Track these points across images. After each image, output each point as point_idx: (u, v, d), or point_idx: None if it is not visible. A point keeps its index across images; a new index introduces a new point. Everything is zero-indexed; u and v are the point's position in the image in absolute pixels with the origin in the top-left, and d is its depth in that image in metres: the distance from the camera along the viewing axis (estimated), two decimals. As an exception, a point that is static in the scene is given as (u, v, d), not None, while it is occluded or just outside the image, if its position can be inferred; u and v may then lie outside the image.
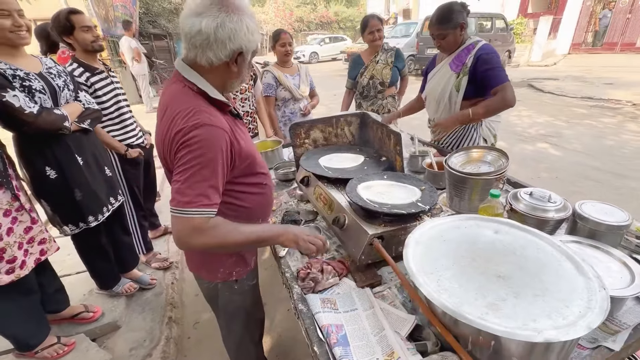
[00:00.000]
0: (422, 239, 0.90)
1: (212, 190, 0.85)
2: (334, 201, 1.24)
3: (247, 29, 0.85)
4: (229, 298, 1.21)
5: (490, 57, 1.69)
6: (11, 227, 1.38)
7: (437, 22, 1.75)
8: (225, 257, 1.12)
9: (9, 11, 1.33)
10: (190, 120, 0.83)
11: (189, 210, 0.82)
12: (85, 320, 1.86)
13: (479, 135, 1.93)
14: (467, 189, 1.24)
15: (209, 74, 0.91)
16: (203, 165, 0.83)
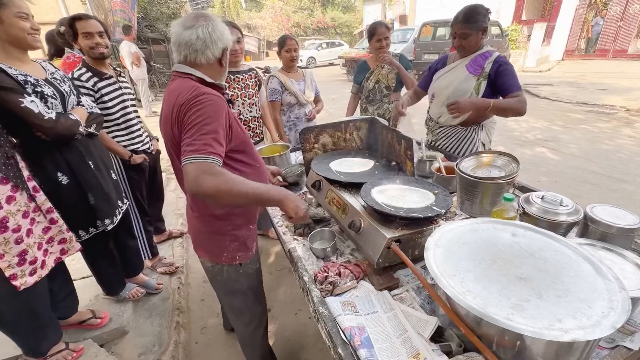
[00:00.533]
0: (442, 242, 0.91)
1: (216, 143, 0.96)
2: (348, 205, 1.26)
3: (225, 28, 1.10)
4: (235, 279, 1.32)
5: (510, 67, 1.77)
6: (30, 229, 1.38)
7: (464, 20, 1.75)
8: (228, 242, 1.23)
9: (28, 15, 1.35)
10: (194, 91, 1.00)
11: (197, 157, 0.92)
12: (94, 327, 1.85)
13: (479, 139, 1.97)
14: (479, 193, 1.26)
15: (204, 70, 1.10)
16: (208, 121, 0.96)
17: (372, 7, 22.05)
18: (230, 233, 1.23)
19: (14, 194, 1.31)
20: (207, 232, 1.24)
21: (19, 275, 1.33)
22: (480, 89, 1.81)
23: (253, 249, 1.32)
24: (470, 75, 1.83)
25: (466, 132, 1.97)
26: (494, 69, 1.76)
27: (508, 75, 1.75)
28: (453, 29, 1.82)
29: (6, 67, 1.33)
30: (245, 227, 1.27)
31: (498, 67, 1.75)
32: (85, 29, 1.79)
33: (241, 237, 1.26)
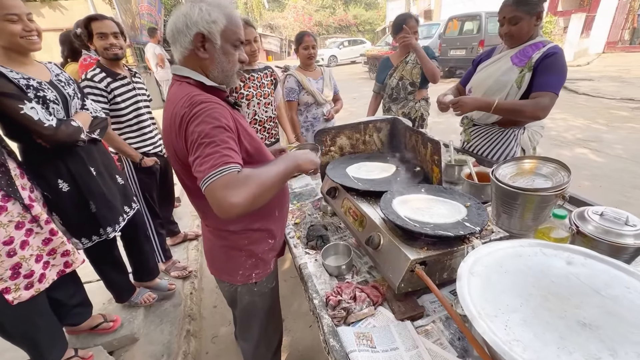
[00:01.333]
0: (477, 268, 0.76)
1: (231, 151, 0.84)
2: (366, 217, 1.12)
3: (201, 10, 0.88)
4: (248, 300, 1.21)
5: (555, 60, 1.49)
6: (26, 240, 1.32)
7: (515, 3, 1.51)
8: (244, 259, 1.13)
9: (19, 15, 1.28)
10: (190, 100, 0.87)
11: (217, 172, 0.78)
12: (105, 331, 1.82)
13: (517, 144, 1.74)
14: (519, 206, 1.08)
15: (191, 66, 0.95)
16: (213, 134, 0.83)
17: (396, 3, 21.56)
18: (247, 248, 1.13)
19: (5, 204, 1.25)
20: (222, 247, 1.14)
21: (12, 289, 1.27)
22: (524, 82, 1.57)
23: (271, 266, 1.21)
24: (514, 66, 1.59)
25: (503, 133, 1.75)
26: (539, 60, 1.52)
27: (548, 70, 1.50)
28: (501, 12, 1.58)
29: (7, 70, 1.28)
30: (264, 242, 1.16)
31: (543, 59, 1.50)
32: (100, 29, 1.76)
33: (259, 252, 1.15)
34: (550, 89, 1.48)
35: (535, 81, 1.53)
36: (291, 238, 1.32)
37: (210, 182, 0.78)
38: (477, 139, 1.86)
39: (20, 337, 1.43)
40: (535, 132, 1.74)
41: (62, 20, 7.45)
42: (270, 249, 1.19)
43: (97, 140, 1.62)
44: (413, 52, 2.40)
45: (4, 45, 1.29)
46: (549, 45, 1.53)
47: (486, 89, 1.70)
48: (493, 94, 1.67)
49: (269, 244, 1.18)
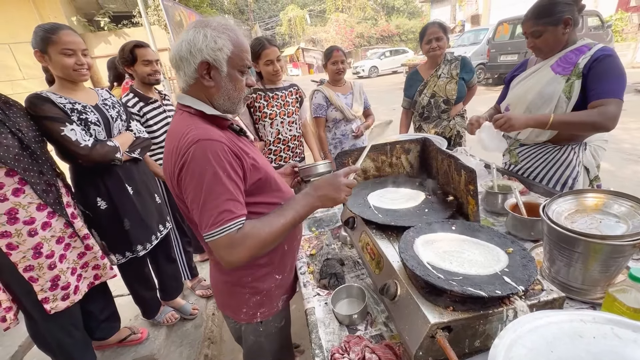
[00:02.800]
0: (518, 352, 0.57)
1: (231, 202, 0.81)
2: (384, 258, 0.96)
3: (205, 36, 0.83)
4: (254, 341, 1.13)
5: (608, 62, 1.29)
6: (64, 254, 1.42)
7: (532, 16, 1.39)
8: (248, 296, 1.05)
9: (74, 50, 1.40)
10: (184, 139, 0.82)
11: (215, 232, 0.79)
12: (134, 342, 1.88)
13: (579, 163, 1.47)
14: (580, 256, 0.85)
15: (195, 95, 0.91)
16: (210, 183, 0.79)
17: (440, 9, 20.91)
18: (251, 285, 1.04)
19: (50, 220, 1.35)
20: (226, 283, 1.07)
21: (50, 299, 1.36)
22: (574, 91, 1.35)
23: (279, 304, 1.11)
24: (558, 75, 1.39)
25: (560, 152, 1.49)
26: (588, 65, 1.32)
27: (602, 74, 1.28)
28: (523, 27, 1.46)
29: (57, 96, 1.41)
30: (270, 278, 1.07)
31: (592, 63, 1.31)
32: (145, 56, 1.86)
33: (264, 289, 1.06)
34: (613, 95, 1.26)
35: (592, 89, 1.30)
36: (302, 274, 1.20)
37: (211, 239, 0.80)
38: (527, 161, 1.60)
39: (55, 348, 1.50)
40: (599, 147, 1.48)
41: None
42: (277, 286, 1.09)
43: (138, 159, 1.68)
44: (445, 64, 2.18)
45: (58, 74, 1.43)
46: (596, 47, 1.33)
47: (528, 104, 1.49)
48: (538, 109, 1.45)
49: (276, 280, 1.08)
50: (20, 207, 1.29)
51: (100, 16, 8.03)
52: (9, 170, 1.26)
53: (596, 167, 1.51)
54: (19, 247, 1.29)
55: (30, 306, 1.38)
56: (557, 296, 0.76)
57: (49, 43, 1.34)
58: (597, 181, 1.54)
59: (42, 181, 1.35)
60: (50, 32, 1.34)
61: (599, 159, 1.50)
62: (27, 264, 1.32)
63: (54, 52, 1.35)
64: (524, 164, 1.62)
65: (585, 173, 1.50)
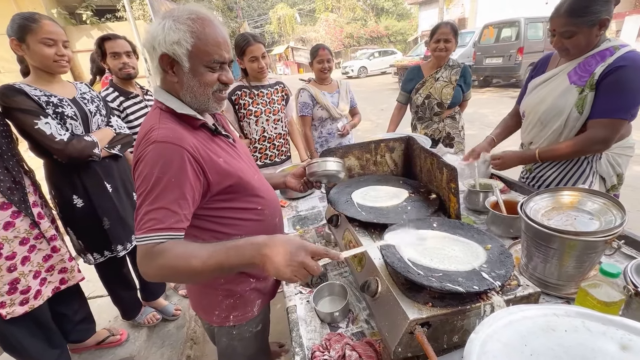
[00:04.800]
0: (492, 346, 0.58)
1: (163, 211, 0.75)
2: (365, 256, 0.96)
3: (163, 28, 0.78)
4: (227, 344, 1.08)
5: (629, 73, 1.18)
6: (27, 256, 1.34)
7: (568, 14, 1.23)
8: (221, 298, 1.02)
9: (55, 41, 1.35)
10: (146, 137, 0.79)
11: (138, 237, 0.75)
12: (113, 344, 1.82)
13: (593, 172, 1.42)
14: (556, 252, 0.87)
15: (168, 89, 0.87)
16: (152, 187, 0.76)
17: (428, 12, 21.19)
18: (224, 287, 1.01)
19: (14, 220, 1.28)
20: (199, 284, 1.04)
21: (7, 303, 1.29)
22: (586, 105, 1.27)
23: (254, 309, 1.08)
24: (572, 86, 1.31)
25: (574, 162, 1.42)
26: (602, 74, 1.22)
27: (613, 87, 1.20)
28: (552, 23, 1.30)
29: (31, 88, 1.35)
30: (244, 281, 1.04)
31: (607, 72, 1.21)
32: (113, 49, 1.79)
33: (238, 293, 1.03)
34: (611, 114, 1.22)
35: (595, 104, 1.26)
36: (285, 272, 1.18)
37: (137, 244, 0.76)
38: (541, 171, 1.53)
39: (22, 352, 1.43)
40: (619, 155, 1.42)
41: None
42: (252, 290, 1.06)
43: (118, 156, 1.63)
44: (446, 69, 2.20)
45: (35, 65, 1.36)
46: (619, 52, 1.22)
47: (540, 115, 1.44)
48: (549, 121, 1.40)
49: (250, 284, 1.05)
50: None
51: (82, 9, 7.77)
52: None
53: (615, 177, 1.46)
54: None
55: None
56: (533, 291, 0.77)
57: (29, 32, 1.28)
58: (614, 190, 1.48)
59: (7, 178, 1.28)
60: (31, 20, 1.28)
61: (620, 168, 1.44)
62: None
63: (33, 42, 1.29)
64: (537, 172, 1.54)
65: (602, 183, 1.47)
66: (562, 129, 1.37)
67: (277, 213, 1.10)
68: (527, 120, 1.54)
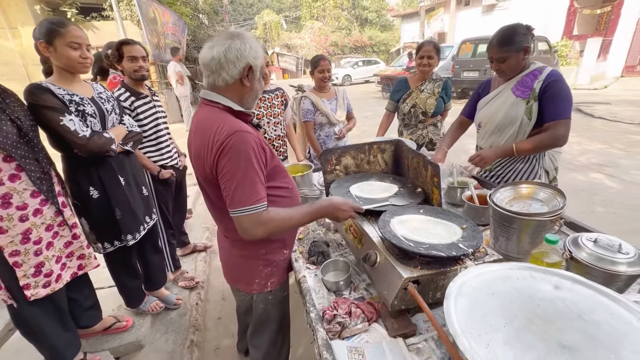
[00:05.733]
0: (466, 289, 0.79)
1: (259, 186, 0.99)
2: (365, 235, 1.16)
3: (251, 47, 1.02)
4: (263, 309, 1.30)
5: (558, 86, 1.55)
6: (51, 242, 1.44)
7: (498, 44, 1.61)
8: (261, 267, 1.23)
9: (80, 44, 1.47)
10: (223, 131, 0.97)
11: (246, 209, 0.97)
12: (119, 330, 1.90)
13: (541, 168, 1.76)
14: (515, 230, 1.10)
15: (227, 93, 1.05)
16: (244, 168, 0.97)
17: (410, 25, 22.04)
18: (265, 257, 1.23)
19: (42, 208, 1.39)
20: (241, 257, 1.24)
21: (32, 285, 1.38)
22: (533, 113, 1.62)
23: (285, 275, 1.32)
24: (519, 99, 1.65)
25: (525, 161, 1.76)
26: (542, 88, 1.58)
27: (554, 97, 1.56)
28: (489, 53, 1.67)
29: (56, 87, 1.46)
30: (279, 252, 1.26)
31: (545, 87, 1.57)
32: (131, 52, 1.92)
33: (275, 261, 1.25)
34: (562, 116, 1.55)
35: (546, 111, 1.59)
36: (293, 252, 1.36)
37: (240, 214, 0.98)
38: (499, 168, 1.85)
39: (39, 334, 1.51)
40: (555, 152, 1.78)
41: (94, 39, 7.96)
42: (284, 259, 1.29)
43: (130, 152, 1.75)
44: (430, 82, 2.46)
45: (60, 65, 1.48)
46: (546, 71, 1.60)
47: (497, 123, 1.76)
48: (505, 128, 1.73)
49: (284, 254, 1.28)
50: (14, 193, 1.33)
51: (66, 7, 7.66)
52: (6, 156, 1.29)
53: (554, 170, 1.81)
54: (7, 231, 1.31)
55: (13, 290, 1.39)
56: (497, 258, 1.00)
57: (57, 35, 1.40)
58: (554, 181, 1.84)
59: (37, 169, 1.39)
60: (59, 25, 1.41)
61: (556, 162, 1.80)
62: (14, 248, 1.33)
63: (60, 45, 1.41)
64: (497, 170, 1.86)
65: (546, 176, 1.80)
66: (516, 133, 1.70)
67: (298, 193, 1.35)
68: (485, 129, 1.86)
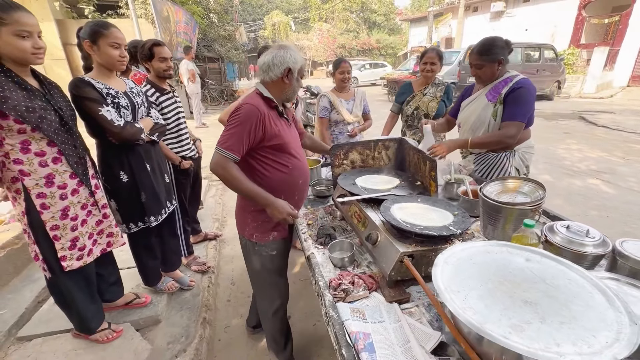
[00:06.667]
0: (452, 260, 0.94)
1: (240, 142, 1.28)
2: (368, 219, 1.32)
3: (291, 55, 1.36)
4: (252, 256, 1.57)
5: (521, 92, 1.74)
6: (85, 219, 1.61)
7: (477, 53, 1.83)
8: (249, 220, 1.50)
9: (119, 45, 1.63)
10: (245, 101, 1.34)
11: (219, 149, 1.28)
12: (139, 305, 2.08)
13: (510, 165, 1.94)
14: (501, 218, 1.25)
15: (272, 88, 1.40)
16: (235, 125, 1.29)
17: (418, 29, 22.17)
18: (252, 212, 1.48)
19: (79, 188, 1.56)
20: (239, 206, 1.55)
21: (67, 257, 1.55)
22: (498, 114, 1.83)
23: (270, 237, 1.52)
24: (489, 103, 1.87)
25: (497, 158, 1.95)
26: (507, 93, 1.78)
27: (514, 101, 1.76)
28: (469, 59, 1.89)
29: (95, 82, 1.63)
30: (265, 213, 1.44)
31: (510, 92, 1.77)
32: (162, 54, 2.11)
33: (260, 219, 1.48)
34: (516, 118, 1.75)
35: (505, 112, 1.79)
36: (303, 233, 1.52)
37: (216, 151, 1.29)
38: (476, 165, 2.06)
39: (70, 303, 1.69)
40: (526, 152, 1.95)
41: (109, 35, 8.24)
42: (268, 221, 1.47)
43: (155, 142, 1.93)
44: (433, 86, 2.63)
45: (101, 62, 1.64)
46: (515, 79, 1.79)
47: (471, 124, 1.98)
48: (477, 128, 1.95)
49: (267, 217, 1.45)
50: (57, 173, 1.50)
51: (84, 4, 7.92)
52: (49, 141, 1.47)
53: (525, 168, 1.98)
54: (50, 207, 1.48)
55: (51, 261, 1.55)
56: (483, 240, 1.15)
57: (101, 36, 1.58)
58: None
59: (74, 154, 1.56)
60: (104, 27, 1.59)
61: (527, 161, 1.97)
62: (54, 223, 1.50)
63: (103, 44, 1.59)
64: (473, 167, 2.07)
65: (517, 173, 1.97)
66: (486, 132, 1.91)
67: (303, 177, 1.54)
68: (463, 129, 2.08)
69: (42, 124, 1.39)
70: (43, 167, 1.45)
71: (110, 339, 1.80)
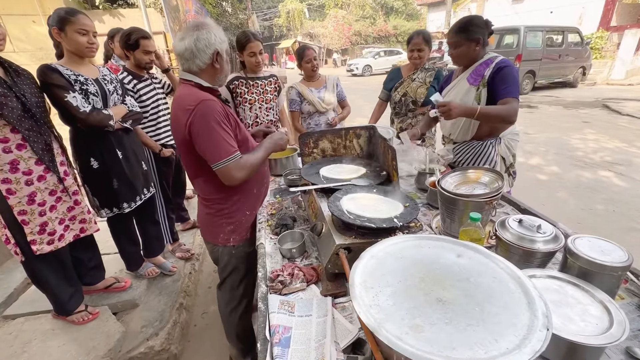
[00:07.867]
0: (379, 254, 0.89)
1: (229, 140, 1.20)
2: (319, 210, 1.27)
3: (215, 35, 1.21)
4: (227, 261, 1.51)
5: (508, 70, 1.66)
6: (54, 205, 1.65)
7: (454, 31, 1.73)
8: (224, 224, 1.43)
9: (87, 31, 1.65)
10: (192, 102, 1.17)
11: (225, 160, 1.19)
12: (119, 289, 2.13)
13: (496, 154, 1.83)
14: (457, 211, 1.18)
15: (202, 75, 1.25)
16: (213, 129, 1.17)
17: (437, 14, 21.33)
18: (227, 215, 1.41)
19: (45, 174, 1.59)
20: (209, 215, 1.44)
21: (37, 241, 1.59)
22: (482, 98, 1.73)
23: (247, 234, 1.49)
24: (472, 86, 1.75)
25: (482, 146, 1.84)
26: (491, 75, 1.69)
27: (503, 79, 1.65)
28: (447, 37, 1.81)
29: (64, 68, 1.65)
30: (240, 212, 1.43)
31: (495, 72, 1.68)
32: (147, 47, 2.11)
33: (236, 220, 1.44)
34: (513, 95, 1.64)
35: (497, 91, 1.67)
36: (259, 223, 1.50)
37: (222, 166, 1.19)
38: (459, 155, 1.95)
39: (46, 285, 1.75)
40: (512, 139, 1.84)
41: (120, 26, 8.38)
42: (246, 219, 1.46)
43: (129, 129, 1.93)
44: (422, 71, 2.50)
45: (70, 49, 1.66)
46: (496, 60, 1.69)
47: None
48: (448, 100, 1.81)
49: (246, 215, 1.45)
50: (21, 160, 1.52)
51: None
52: (12, 128, 1.49)
53: (511, 156, 1.87)
54: (16, 193, 1.51)
55: (23, 245, 1.60)
56: (431, 234, 1.08)
57: (67, 23, 1.58)
58: (512, 167, 1.92)
59: (40, 140, 1.58)
60: (70, 14, 1.59)
61: (513, 149, 1.86)
62: (22, 208, 1.53)
63: (70, 31, 1.59)
64: (457, 157, 1.96)
65: (502, 162, 1.86)
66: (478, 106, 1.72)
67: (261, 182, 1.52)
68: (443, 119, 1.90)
69: (3, 110, 1.41)
70: (7, 154, 1.48)
71: (85, 321, 1.86)
